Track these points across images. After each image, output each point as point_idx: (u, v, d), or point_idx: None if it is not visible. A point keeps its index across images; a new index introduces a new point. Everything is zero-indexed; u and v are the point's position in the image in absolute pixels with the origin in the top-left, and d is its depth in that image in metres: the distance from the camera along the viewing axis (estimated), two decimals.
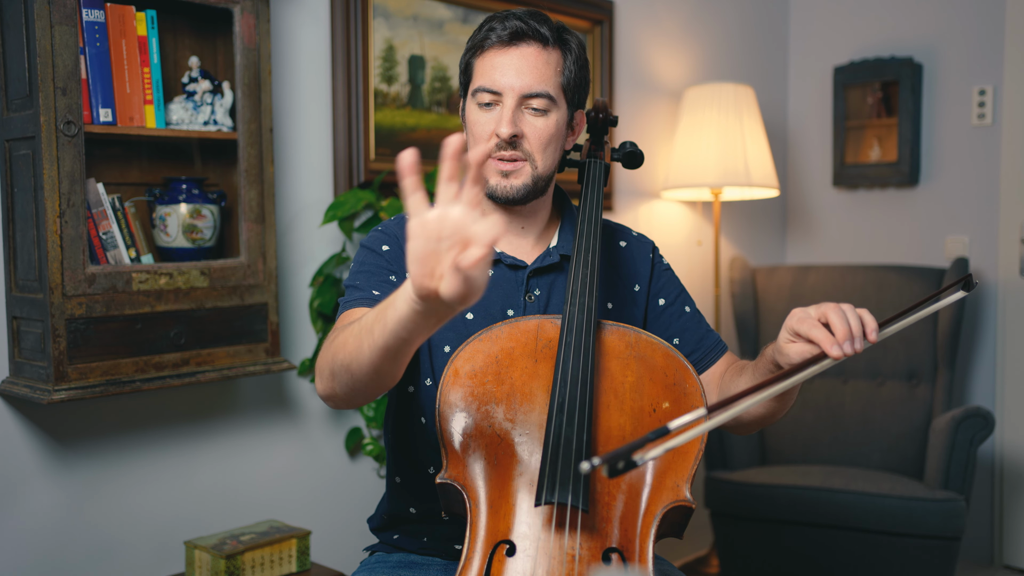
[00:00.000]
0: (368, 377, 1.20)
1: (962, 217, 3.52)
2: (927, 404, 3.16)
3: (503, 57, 1.41)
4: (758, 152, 3.20)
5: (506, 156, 1.42)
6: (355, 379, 1.21)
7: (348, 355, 1.20)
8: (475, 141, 1.45)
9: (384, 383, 1.23)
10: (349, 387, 1.24)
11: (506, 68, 1.41)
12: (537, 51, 1.42)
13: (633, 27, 3.22)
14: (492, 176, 1.44)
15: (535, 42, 1.42)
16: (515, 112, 1.41)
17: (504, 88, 1.41)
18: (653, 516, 1.27)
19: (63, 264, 1.75)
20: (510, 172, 1.43)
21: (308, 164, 2.37)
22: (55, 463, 1.97)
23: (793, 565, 2.92)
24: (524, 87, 1.41)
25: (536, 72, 1.41)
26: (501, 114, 1.41)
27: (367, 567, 1.54)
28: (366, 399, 1.29)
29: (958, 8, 3.48)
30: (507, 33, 1.41)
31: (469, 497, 1.27)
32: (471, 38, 1.47)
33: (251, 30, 2.01)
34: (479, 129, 1.44)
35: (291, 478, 2.36)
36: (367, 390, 1.24)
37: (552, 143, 1.45)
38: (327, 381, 1.28)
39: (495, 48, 1.42)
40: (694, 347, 1.55)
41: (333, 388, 1.27)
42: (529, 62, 1.41)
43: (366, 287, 1.44)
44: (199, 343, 1.96)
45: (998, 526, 3.43)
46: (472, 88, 1.45)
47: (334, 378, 1.26)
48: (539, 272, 1.50)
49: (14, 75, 1.79)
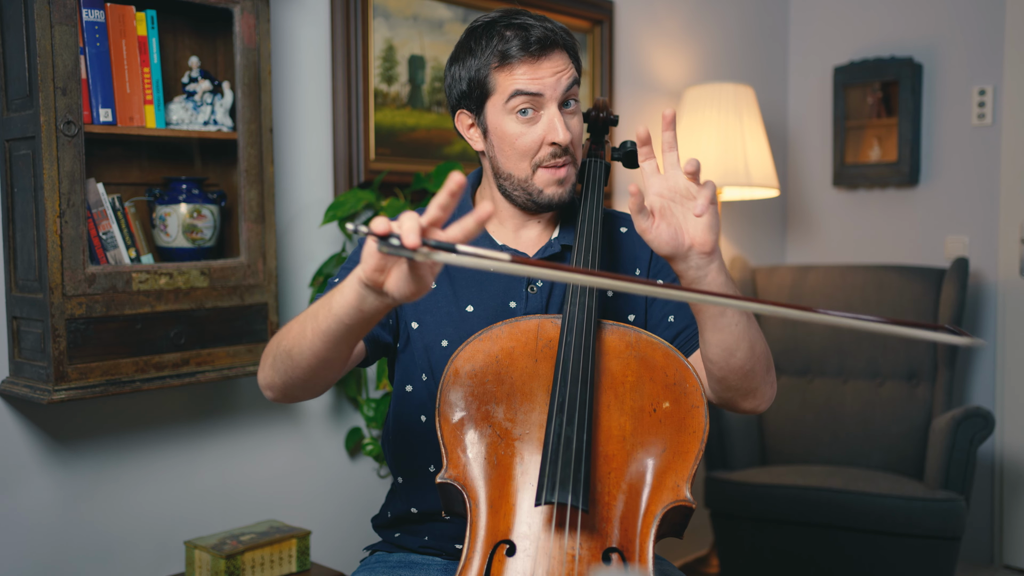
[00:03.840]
0: (307, 363, 1.23)
1: (962, 217, 3.52)
2: (927, 404, 3.16)
3: (537, 68, 1.41)
4: (758, 152, 3.20)
5: (560, 163, 1.44)
6: (295, 365, 1.24)
7: (291, 340, 1.24)
8: (521, 154, 1.44)
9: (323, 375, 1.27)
10: (288, 376, 1.27)
11: (544, 74, 1.41)
12: (560, 52, 1.44)
13: (633, 27, 3.22)
14: (548, 187, 1.45)
15: (558, 45, 1.44)
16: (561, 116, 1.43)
17: (546, 91, 1.42)
18: (653, 516, 1.27)
19: (63, 264, 1.75)
20: (565, 179, 1.46)
21: (308, 164, 2.37)
22: (55, 463, 1.97)
23: (793, 565, 2.92)
24: (563, 90, 1.43)
25: (567, 74, 1.44)
26: (552, 121, 1.42)
27: (367, 567, 1.54)
28: (302, 393, 1.32)
29: (958, 8, 3.48)
30: (536, 47, 1.41)
31: (469, 497, 1.27)
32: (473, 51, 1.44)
33: (251, 30, 2.01)
34: (525, 140, 1.43)
35: (291, 478, 2.36)
36: (304, 379, 1.27)
37: (581, 138, 1.50)
38: (267, 369, 1.31)
39: (524, 61, 1.41)
40: (688, 322, 1.51)
41: (273, 378, 1.31)
42: (561, 66, 1.43)
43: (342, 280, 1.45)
44: (199, 343, 1.96)
45: (998, 526, 3.43)
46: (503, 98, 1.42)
47: (275, 366, 1.29)
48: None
49: (14, 75, 1.79)
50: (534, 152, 1.43)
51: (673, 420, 1.32)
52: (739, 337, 1.32)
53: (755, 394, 1.40)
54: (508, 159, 1.45)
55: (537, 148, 1.43)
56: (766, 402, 1.43)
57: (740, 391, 1.40)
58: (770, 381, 1.42)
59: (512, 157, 1.44)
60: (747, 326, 1.33)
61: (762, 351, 1.37)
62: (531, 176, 1.45)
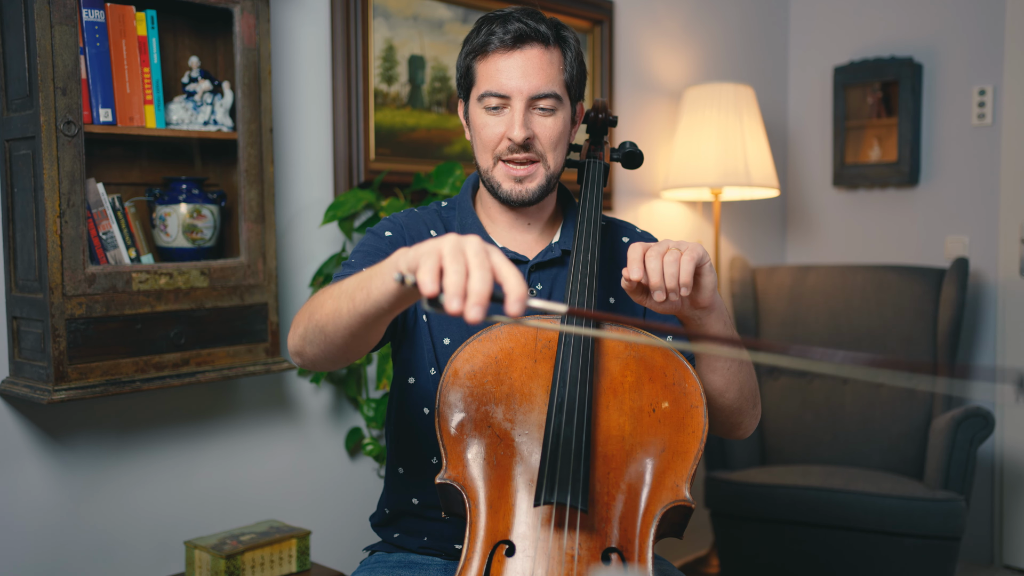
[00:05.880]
0: (342, 340, 1.22)
1: (962, 217, 3.52)
2: (927, 404, 3.16)
3: (508, 60, 1.42)
4: (758, 152, 3.20)
5: (520, 159, 1.44)
6: (328, 341, 1.24)
7: (325, 316, 1.22)
8: (484, 146, 1.46)
9: (355, 350, 1.26)
10: (321, 349, 1.27)
11: (512, 71, 1.42)
12: (540, 52, 1.43)
13: (633, 27, 3.22)
14: (505, 182, 1.46)
15: (537, 43, 1.43)
16: (525, 114, 1.42)
17: (512, 91, 1.42)
18: (653, 516, 1.27)
19: (63, 264, 1.75)
20: (524, 177, 1.45)
21: (308, 164, 2.37)
22: (55, 463, 1.97)
23: (793, 565, 2.92)
24: (532, 89, 1.42)
25: (542, 73, 1.42)
26: (512, 117, 1.42)
27: (367, 567, 1.54)
28: (334, 364, 1.32)
29: (958, 8, 3.48)
30: (510, 37, 1.41)
31: (468, 497, 1.27)
32: (468, 40, 1.48)
33: (251, 30, 2.01)
34: (488, 133, 1.45)
35: (291, 478, 2.36)
36: (337, 354, 1.27)
37: (561, 141, 1.47)
38: (299, 340, 1.30)
39: (498, 52, 1.43)
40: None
41: (303, 347, 1.30)
42: (534, 63, 1.42)
43: (358, 265, 1.45)
44: (199, 343, 1.96)
45: (998, 526, 3.43)
46: (478, 93, 1.45)
47: (306, 337, 1.28)
48: (541, 266, 1.51)
49: (14, 75, 1.79)
50: (494, 145, 1.45)
51: (672, 420, 1.32)
52: (730, 380, 1.41)
53: (739, 427, 1.49)
54: (477, 149, 1.49)
55: (497, 142, 1.45)
56: (748, 432, 1.51)
57: (725, 425, 1.48)
58: (755, 415, 1.50)
59: (479, 148, 1.47)
60: (739, 370, 1.41)
61: (750, 391, 1.45)
62: (491, 168, 1.47)
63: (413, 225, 1.54)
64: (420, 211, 1.58)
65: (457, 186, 2.38)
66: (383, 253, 1.47)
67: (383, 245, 1.49)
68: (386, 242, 1.50)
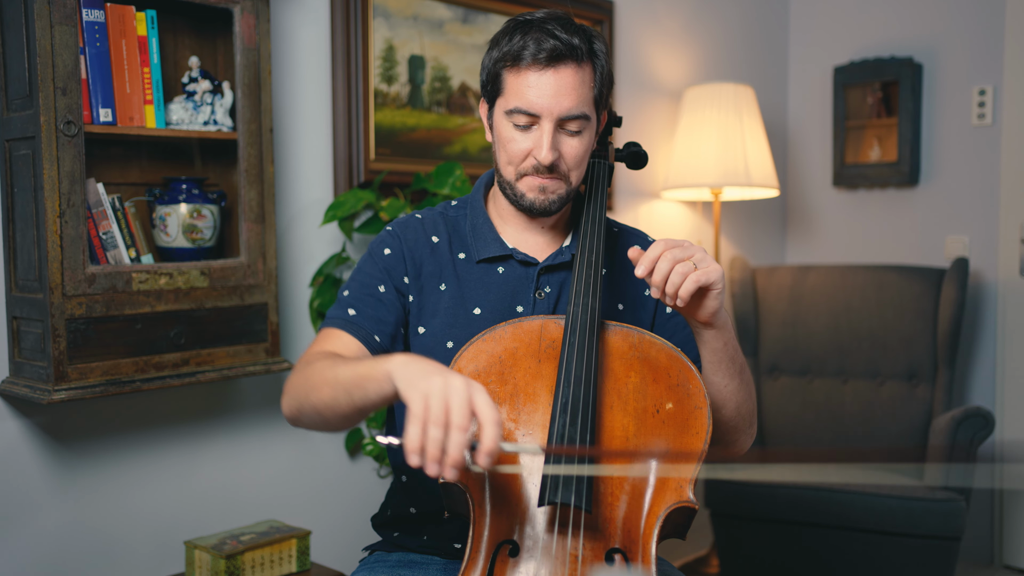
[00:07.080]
0: (339, 423, 1.31)
1: (962, 217, 3.52)
2: (927, 404, 3.16)
3: (540, 78, 1.38)
4: (758, 152, 3.19)
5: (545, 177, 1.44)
6: (326, 422, 1.32)
7: (322, 403, 1.27)
8: (508, 159, 1.45)
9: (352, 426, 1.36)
10: (318, 425, 1.36)
11: (544, 89, 1.38)
12: (573, 71, 1.39)
13: (633, 27, 3.22)
14: (530, 192, 1.45)
15: (571, 61, 1.39)
16: (553, 136, 1.40)
17: (543, 111, 1.39)
18: (656, 517, 1.27)
19: (63, 264, 1.75)
20: (548, 188, 1.45)
21: (308, 164, 2.37)
22: (55, 463, 1.96)
23: (793, 565, 2.92)
24: (563, 110, 1.39)
25: (574, 93, 1.39)
26: (540, 139, 1.40)
27: (367, 566, 1.54)
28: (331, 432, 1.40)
29: (958, 8, 3.48)
30: (544, 56, 1.37)
31: (472, 497, 1.27)
32: (498, 43, 1.43)
33: (251, 30, 2.00)
34: (514, 148, 1.43)
35: (291, 478, 2.36)
36: (334, 429, 1.35)
37: (585, 158, 1.46)
38: (295, 411, 1.36)
39: (531, 67, 1.39)
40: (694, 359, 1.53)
41: (299, 418, 1.36)
42: (567, 83, 1.39)
43: (352, 300, 1.47)
44: (199, 343, 1.95)
45: (998, 526, 3.43)
46: (506, 106, 1.42)
47: (301, 412, 1.34)
48: (550, 269, 1.51)
49: (14, 75, 1.79)
50: (520, 160, 1.44)
51: (676, 421, 1.32)
52: (727, 398, 1.43)
53: (733, 444, 1.50)
54: (500, 159, 1.47)
55: (523, 158, 1.43)
56: (742, 451, 1.52)
57: (720, 441, 1.48)
58: (751, 434, 1.51)
59: (502, 158, 1.46)
60: (737, 389, 1.42)
61: (748, 411, 1.46)
62: (515, 181, 1.46)
63: (413, 236, 1.52)
64: (424, 214, 1.56)
65: (457, 186, 2.37)
66: (375, 279, 1.48)
67: (376, 270, 1.49)
68: (381, 264, 1.49)
